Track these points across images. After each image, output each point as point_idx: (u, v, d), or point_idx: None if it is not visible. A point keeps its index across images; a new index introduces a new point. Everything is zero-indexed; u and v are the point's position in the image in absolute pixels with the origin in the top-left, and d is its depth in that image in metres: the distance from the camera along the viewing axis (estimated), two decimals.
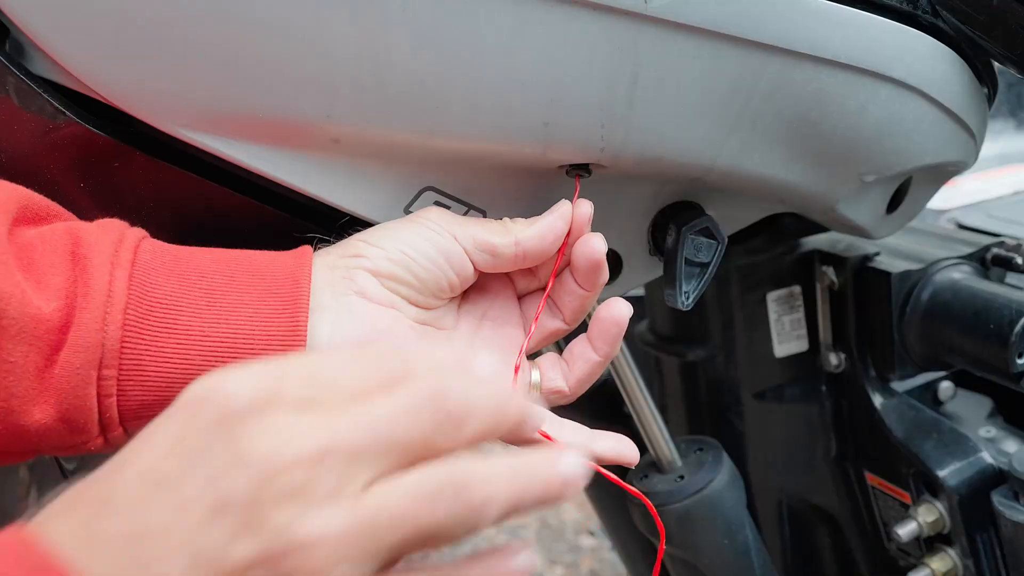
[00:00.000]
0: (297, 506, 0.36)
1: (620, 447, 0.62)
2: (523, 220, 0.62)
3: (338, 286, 0.57)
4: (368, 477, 0.38)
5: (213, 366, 0.53)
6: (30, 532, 0.36)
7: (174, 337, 0.53)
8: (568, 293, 0.63)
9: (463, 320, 0.63)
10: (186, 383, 0.48)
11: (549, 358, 0.64)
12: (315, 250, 0.60)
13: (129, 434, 0.55)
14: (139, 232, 0.56)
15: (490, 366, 0.41)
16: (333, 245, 0.60)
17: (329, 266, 0.58)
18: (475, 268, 0.61)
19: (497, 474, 0.39)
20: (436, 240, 0.59)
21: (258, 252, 0.58)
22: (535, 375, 0.63)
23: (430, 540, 0.39)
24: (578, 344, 0.63)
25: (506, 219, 0.63)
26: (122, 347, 0.52)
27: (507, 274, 0.64)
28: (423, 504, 0.38)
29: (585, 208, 0.62)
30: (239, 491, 0.36)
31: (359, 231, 0.60)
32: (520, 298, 0.65)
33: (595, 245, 0.61)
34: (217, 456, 0.37)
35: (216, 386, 0.38)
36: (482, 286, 0.64)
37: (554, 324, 0.64)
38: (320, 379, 0.39)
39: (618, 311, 0.61)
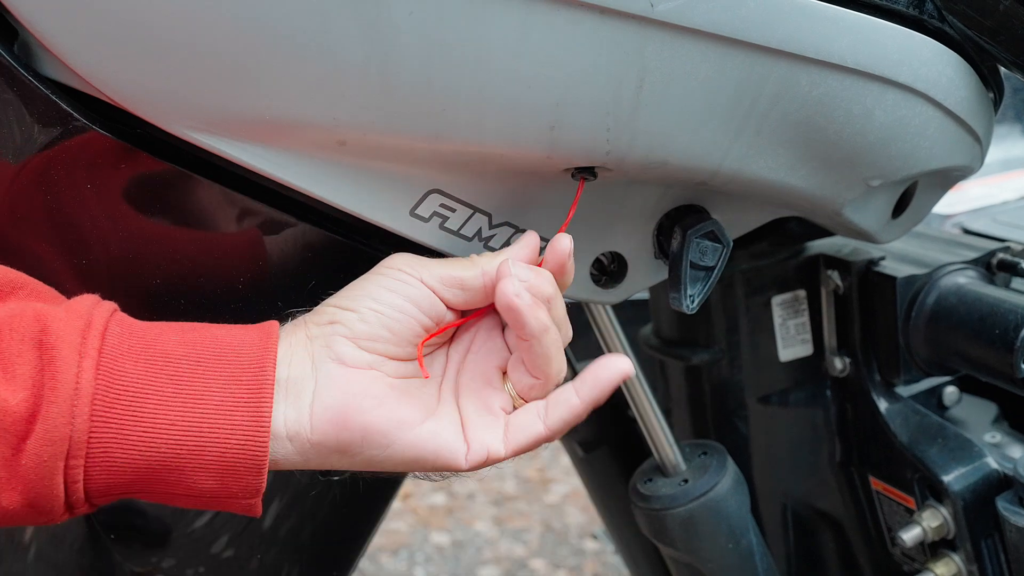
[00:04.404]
0: None
1: (611, 368, 0.62)
2: (489, 253, 0.63)
3: (318, 355, 0.58)
4: None
5: (178, 452, 0.54)
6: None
7: (141, 425, 0.53)
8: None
9: (452, 359, 0.63)
10: (152, 467, 0.53)
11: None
12: (290, 320, 0.60)
13: (95, 509, 0.56)
14: (107, 310, 0.56)
15: None
16: (309, 313, 0.61)
17: (308, 336, 0.59)
18: (447, 306, 0.61)
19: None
20: (402, 288, 0.60)
21: (225, 331, 0.58)
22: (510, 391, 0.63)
23: None
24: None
25: (473, 255, 0.63)
26: (90, 438, 0.52)
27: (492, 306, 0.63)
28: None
29: (563, 242, 0.62)
30: None
31: (331, 295, 0.61)
32: (504, 327, 0.64)
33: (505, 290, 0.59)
34: None
35: None
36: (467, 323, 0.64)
37: (528, 380, 0.62)
38: None
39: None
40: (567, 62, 0.58)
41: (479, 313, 0.63)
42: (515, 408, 0.62)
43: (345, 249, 0.67)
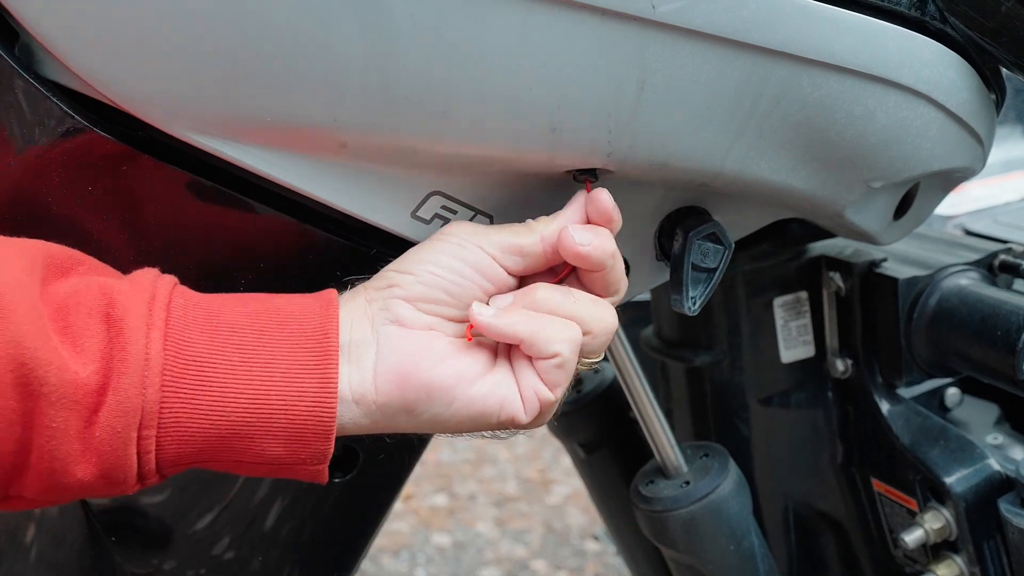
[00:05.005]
0: None
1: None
2: (545, 217, 0.63)
3: (377, 318, 0.59)
4: None
5: (247, 420, 0.55)
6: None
7: (210, 394, 0.54)
8: None
9: None
10: (222, 435, 0.54)
11: None
12: (351, 287, 0.61)
13: (165, 479, 0.56)
14: (169, 283, 0.57)
15: None
16: (369, 279, 0.61)
17: (368, 300, 0.60)
18: (508, 273, 0.61)
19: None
20: (462, 254, 0.60)
21: (286, 299, 0.58)
22: None
23: None
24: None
25: (529, 220, 0.63)
26: (161, 407, 0.53)
27: (550, 271, 0.64)
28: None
29: (602, 196, 0.62)
30: None
31: (391, 261, 0.61)
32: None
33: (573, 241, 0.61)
34: None
35: None
36: (527, 280, 0.64)
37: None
38: None
39: None
40: (568, 64, 0.58)
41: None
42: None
43: (345, 250, 0.67)
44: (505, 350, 0.62)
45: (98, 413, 0.52)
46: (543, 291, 0.61)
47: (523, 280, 0.63)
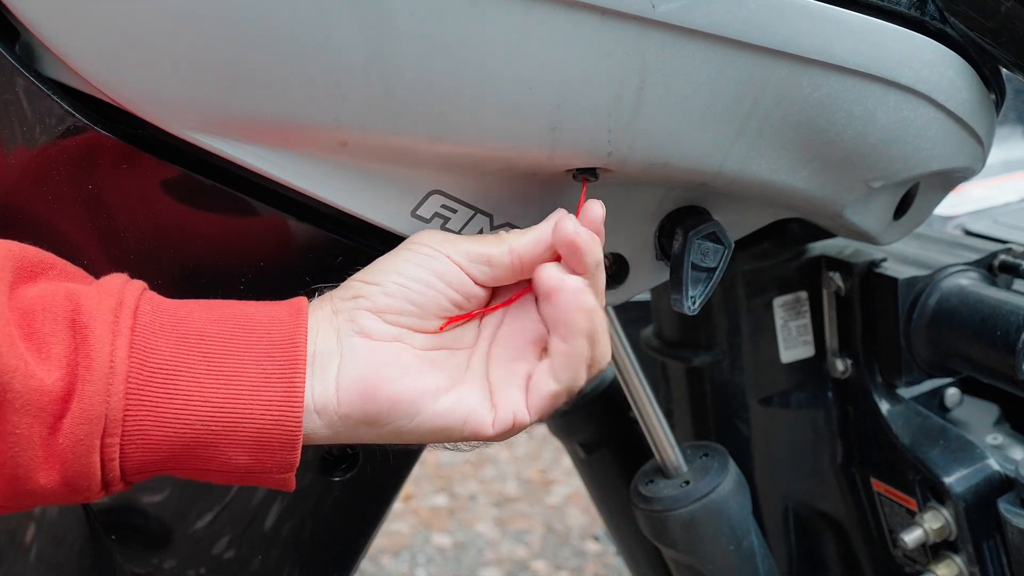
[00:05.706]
0: None
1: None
2: (517, 230, 0.62)
3: (343, 329, 0.58)
4: None
5: (212, 429, 0.54)
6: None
7: (175, 402, 0.54)
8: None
9: (485, 331, 0.62)
10: (187, 444, 0.54)
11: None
12: (318, 295, 0.61)
13: (131, 486, 0.56)
14: (137, 289, 0.56)
15: None
16: (335, 289, 0.61)
17: (333, 311, 0.59)
18: (475, 283, 0.61)
19: None
20: (429, 263, 0.60)
21: (255, 307, 0.58)
22: None
23: None
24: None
25: (502, 231, 0.63)
26: (125, 415, 0.53)
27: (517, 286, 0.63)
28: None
29: (595, 208, 0.62)
30: None
31: (358, 270, 0.61)
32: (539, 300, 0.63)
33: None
34: None
35: None
36: (501, 294, 0.64)
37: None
38: None
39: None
40: (568, 63, 0.58)
41: (508, 301, 0.63)
42: None
43: (345, 249, 0.67)
44: (480, 366, 0.61)
45: (62, 420, 0.52)
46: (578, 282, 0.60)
47: (493, 292, 0.63)
